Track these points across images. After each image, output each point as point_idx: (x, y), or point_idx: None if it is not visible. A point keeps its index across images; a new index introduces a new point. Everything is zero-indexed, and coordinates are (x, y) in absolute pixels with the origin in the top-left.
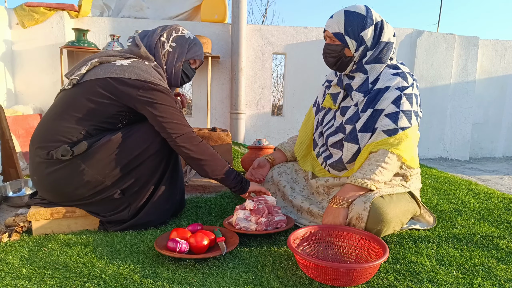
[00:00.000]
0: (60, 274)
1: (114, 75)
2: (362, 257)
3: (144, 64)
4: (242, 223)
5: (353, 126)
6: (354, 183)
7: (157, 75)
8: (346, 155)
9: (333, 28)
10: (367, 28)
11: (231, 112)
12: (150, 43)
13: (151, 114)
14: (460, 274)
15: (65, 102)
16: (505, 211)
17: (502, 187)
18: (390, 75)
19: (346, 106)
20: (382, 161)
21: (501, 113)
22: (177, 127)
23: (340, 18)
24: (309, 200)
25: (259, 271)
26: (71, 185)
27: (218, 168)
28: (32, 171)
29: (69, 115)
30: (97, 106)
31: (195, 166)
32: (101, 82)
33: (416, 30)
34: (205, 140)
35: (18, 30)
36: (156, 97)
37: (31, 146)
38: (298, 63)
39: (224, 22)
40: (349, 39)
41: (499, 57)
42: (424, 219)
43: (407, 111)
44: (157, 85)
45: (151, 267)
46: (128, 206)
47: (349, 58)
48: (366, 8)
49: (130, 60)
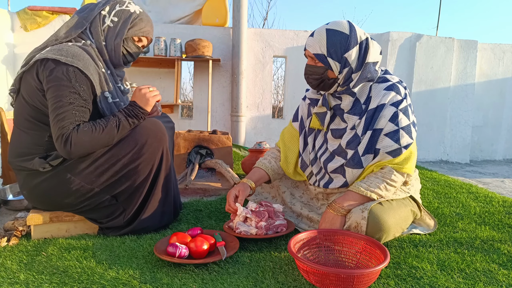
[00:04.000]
0: (59, 279)
1: (29, 67)
2: (363, 262)
3: (63, 45)
4: (242, 227)
5: (355, 151)
6: (357, 191)
7: (70, 51)
8: (351, 179)
9: (315, 49)
10: (351, 49)
11: (232, 115)
12: (89, 17)
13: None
14: (462, 279)
15: (16, 115)
16: (506, 215)
17: (503, 190)
18: (382, 90)
19: (338, 128)
20: (389, 178)
21: (500, 116)
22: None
23: (322, 38)
24: (309, 207)
25: (259, 276)
26: (60, 194)
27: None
28: (21, 185)
29: (24, 128)
30: (35, 105)
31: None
32: (25, 80)
33: (415, 33)
34: (206, 143)
35: (21, 33)
36: (51, 74)
37: (12, 167)
38: (298, 66)
39: (225, 25)
40: (332, 61)
41: (498, 60)
42: (425, 223)
43: (406, 127)
44: (56, 62)
45: (150, 272)
46: (123, 211)
47: (332, 79)
48: (349, 26)
49: (48, 48)
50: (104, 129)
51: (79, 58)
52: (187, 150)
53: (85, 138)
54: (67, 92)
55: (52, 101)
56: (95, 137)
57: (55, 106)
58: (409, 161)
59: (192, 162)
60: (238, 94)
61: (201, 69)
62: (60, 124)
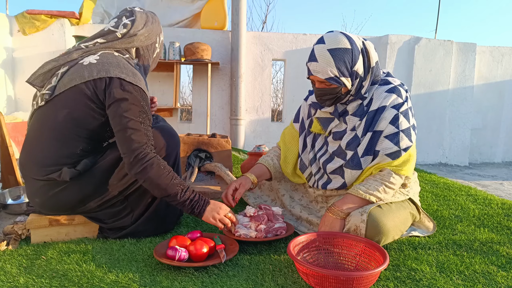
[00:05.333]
0: (59, 283)
1: (83, 80)
2: (362, 264)
3: (114, 56)
4: (242, 230)
5: (354, 152)
6: (356, 194)
7: (130, 69)
8: (350, 180)
9: (325, 73)
10: (357, 61)
11: (231, 118)
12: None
13: (114, 113)
14: (461, 281)
15: (46, 124)
16: (504, 217)
17: (502, 193)
18: (384, 92)
19: (339, 131)
20: (387, 180)
21: (499, 118)
22: (138, 135)
23: (329, 60)
24: (308, 210)
25: (259, 279)
26: (80, 199)
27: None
28: (33, 194)
29: (55, 140)
30: (80, 119)
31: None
32: (74, 91)
33: (414, 36)
34: (205, 147)
35: (19, 37)
36: (124, 96)
37: (24, 174)
38: (297, 69)
39: (224, 29)
40: (344, 78)
41: (496, 63)
42: (424, 225)
43: (406, 130)
44: (126, 82)
45: (150, 276)
46: (131, 212)
47: (346, 93)
48: (347, 39)
49: (98, 55)
50: (171, 179)
51: (139, 78)
52: (186, 153)
53: (153, 172)
54: (138, 112)
55: (121, 120)
56: (160, 175)
57: (126, 126)
58: (408, 164)
59: (192, 165)
60: (237, 98)
61: (200, 72)
62: (136, 143)
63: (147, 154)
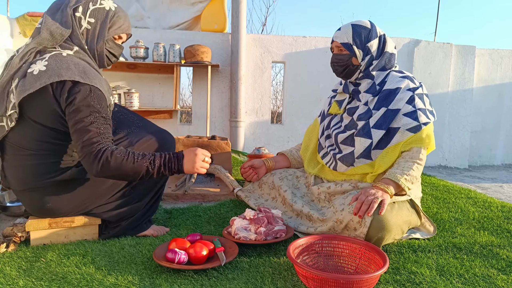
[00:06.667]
0: (58, 285)
1: (35, 89)
2: (362, 267)
3: (62, 57)
4: (242, 232)
5: (366, 122)
6: (393, 179)
7: (81, 68)
8: (358, 150)
9: (342, 39)
10: (372, 40)
11: (231, 120)
12: (65, 20)
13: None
14: (461, 285)
15: (21, 136)
16: (504, 220)
17: (502, 195)
18: (398, 77)
19: (353, 107)
20: (417, 158)
21: (499, 121)
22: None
23: (348, 30)
24: (310, 205)
25: (259, 282)
26: (94, 197)
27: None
28: (43, 199)
29: (41, 149)
30: (54, 128)
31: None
32: (37, 100)
33: (413, 39)
34: (205, 149)
35: (20, 39)
36: (73, 97)
37: (15, 190)
38: (297, 72)
39: (224, 31)
40: (357, 48)
41: (495, 66)
42: (425, 228)
43: (422, 109)
44: (75, 82)
45: (149, 278)
46: (138, 201)
47: (356, 66)
48: (370, 23)
49: (46, 60)
50: (134, 161)
51: (91, 75)
52: None
53: (113, 163)
54: (88, 112)
55: (73, 123)
56: (121, 163)
57: (79, 127)
58: (431, 137)
59: None
60: (237, 100)
61: (200, 74)
62: (86, 143)
63: (98, 150)
